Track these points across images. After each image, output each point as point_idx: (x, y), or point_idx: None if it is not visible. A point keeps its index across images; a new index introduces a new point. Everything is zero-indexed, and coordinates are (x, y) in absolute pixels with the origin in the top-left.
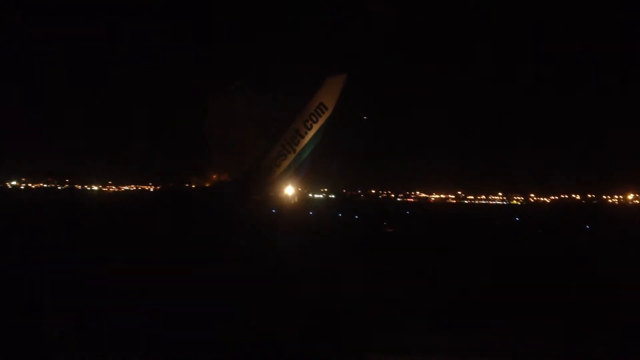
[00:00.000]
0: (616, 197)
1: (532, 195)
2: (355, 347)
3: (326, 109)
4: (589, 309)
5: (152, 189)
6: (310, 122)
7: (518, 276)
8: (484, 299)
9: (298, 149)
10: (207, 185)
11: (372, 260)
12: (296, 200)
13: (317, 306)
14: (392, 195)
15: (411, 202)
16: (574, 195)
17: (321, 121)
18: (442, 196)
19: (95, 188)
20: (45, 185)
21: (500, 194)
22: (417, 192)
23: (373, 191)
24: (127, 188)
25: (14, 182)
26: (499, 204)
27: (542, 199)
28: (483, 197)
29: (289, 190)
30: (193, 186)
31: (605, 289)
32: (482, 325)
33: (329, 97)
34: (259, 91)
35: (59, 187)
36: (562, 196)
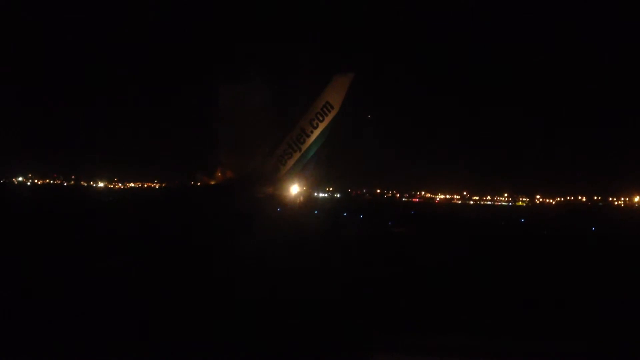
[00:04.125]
0: (622, 199)
1: (538, 196)
2: (359, 346)
3: (332, 108)
4: (590, 308)
5: (157, 186)
6: (316, 121)
7: (522, 275)
8: (489, 298)
9: (304, 147)
10: (213, 183)
11: (377, 261)
12: (301, 199)
13: (320, 304)
14: (398, 195)
15: (416, 202)
16: (580, 197)
17: (327, 120)
18: (448, 196)
19: (101, 185)
20: (51, 182)
21: (506, 195)
22: (423, 192)
23: (378, 191)
24: (133, 185)
25: (20, 178)
26: (505, 205)
27: (548, 200)
28: (488, 198)
29: (294, 189)
30: (199, 184)
31: (607, 289)
32: (488, 325)
33: (335, 96)
34: (266, 90)
35: (65, 184)
36: (568, 198)
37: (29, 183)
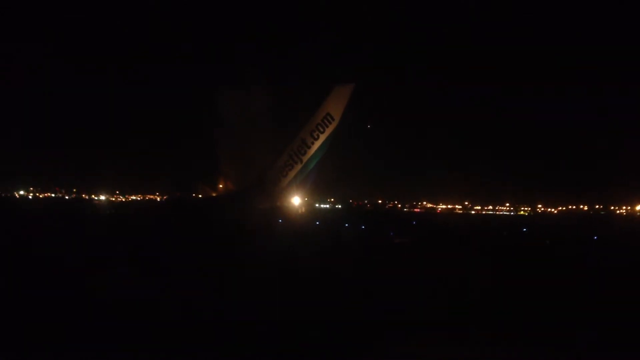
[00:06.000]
0: (624, 207)
1: (539, 205)
2: (357, 353)
3: (333, 119)
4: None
5: (159, 199)
6: (317, 132)
7: (521, 284)
8: (489, 308)
9: (305, 159)
10: (214, 195)
11: (377, 271)
12: (303, 210)
13: (319, 313)
14: (399, 206)
15: (418, 212)
16: (581, 206)
17: (328, 131)
18: (449, 206)
19: (102, 198)
20: (52, 195)
21: (507, 204)
22: (424, 203)
23: (380, 201)
24: (135, 197)
25: (22, 192)
26: (506, 214)
27: (549, 209)
28: (490, 207)
29: (296, 200)
30: (200, 196)
31: (608, 298)
32: (487, 335)
33: (335, 107)
34: (266, 102)
35: (67, 197)
36: (570, 207)
37: (30, 196)
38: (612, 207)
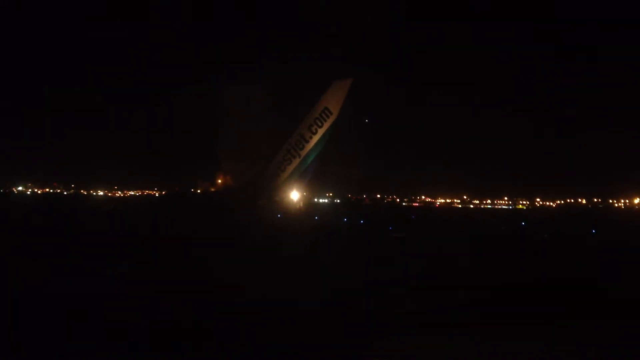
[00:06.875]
0: (622, 201)
1: (538, 199)
2: (356, 351)
3: (331, 113)
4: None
5: (157, 194)
6: (315, 126)
7: (520, 279)
8: (486, 305)
9: (303, 153)
10: (213, 190)
11: (375, 266)
12: (301, 204)
13: (317, 309)
14: (398, 200)
15: (416, 206)
16: (579, 200)
17: (326, 126)
18: (448, 201)
19: (100, 193)
20: (51, 191)
21: (505, 198)
22: (423, 197)
23: (378, 196)
24: (133, 193)
25: (20, 188)
26: (505, 208)
27: (548, 203)
28: (489, 201)
29: (295, 195)
30: (199, 191)
31: (606, 292)
32: (485, 330)
33: (333, 102)
34: (265, 96)
35: (65, 193)
36: (568, 200)
37: (29, 192)
38: (611, 201)
